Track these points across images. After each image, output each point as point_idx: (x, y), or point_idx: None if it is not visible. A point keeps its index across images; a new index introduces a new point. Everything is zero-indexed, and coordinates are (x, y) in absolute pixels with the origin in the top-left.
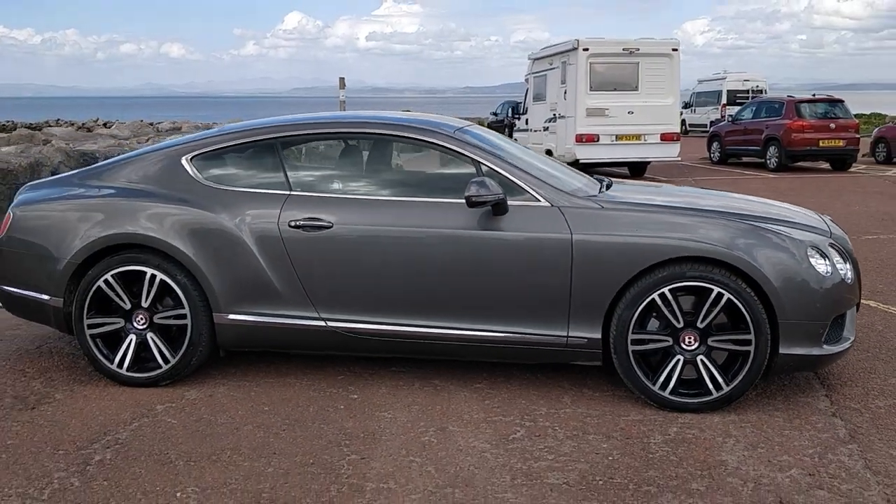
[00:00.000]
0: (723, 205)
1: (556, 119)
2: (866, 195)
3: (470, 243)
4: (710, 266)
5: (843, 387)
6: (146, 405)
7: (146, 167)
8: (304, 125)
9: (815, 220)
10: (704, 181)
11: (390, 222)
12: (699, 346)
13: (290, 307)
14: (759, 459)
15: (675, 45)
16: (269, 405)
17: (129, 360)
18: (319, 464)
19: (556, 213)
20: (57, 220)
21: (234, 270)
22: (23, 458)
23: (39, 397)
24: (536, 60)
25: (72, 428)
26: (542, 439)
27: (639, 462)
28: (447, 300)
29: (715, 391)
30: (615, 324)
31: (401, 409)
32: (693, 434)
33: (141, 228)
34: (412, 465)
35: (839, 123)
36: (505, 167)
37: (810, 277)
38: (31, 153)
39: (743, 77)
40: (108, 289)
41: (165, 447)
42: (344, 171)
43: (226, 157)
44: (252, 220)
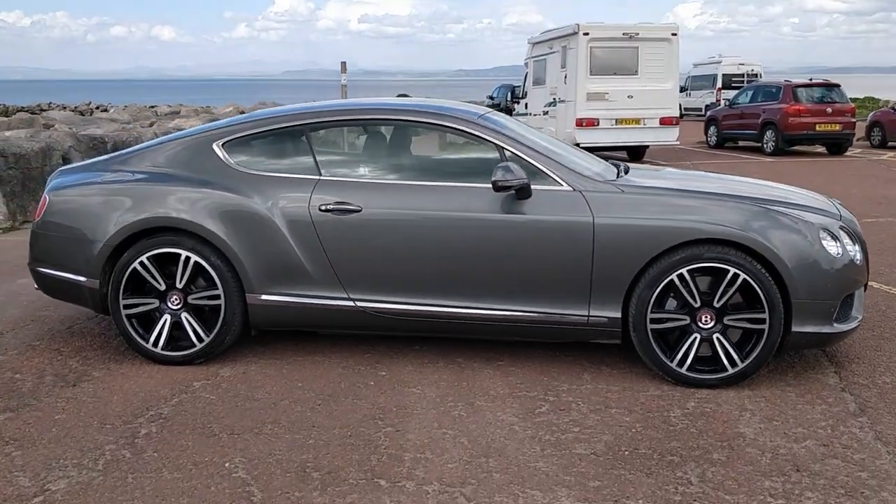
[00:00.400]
0: (737, 189)
1: (556, 103)
2: (863, 179)
3: (494, 226)
4: (726, 248)
5: (851, 363)
6: (183, 382)
7: (178, 153)
8: (332, 112)
9: (825, 204)
10: (702, 165)
11: (417, 206)
12: (715, 324)
13: (321, 288)
14: (775, 431)
15: (675, 29)
16: (302, 382)
17: (163, 339)
18: (357, 436)
19: (578, 197)
20: (93, 204)
21: (266, 253)
22: (73, 431)
23: (79, 375)
24: (536, 44)
25: (115, 404)
26: (566, 413)
27: (661, 434)
28: (472, 281)
29: (730, 367)
30: (635, 303)
31: (428, 385)
32: (710, 408)
33: (176, 212)
34: (446, 437)
35: (836, 108)
36: (528, 152)
37: (822, 259)
38: (41, 137)
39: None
40: (144, 270)
41: (208, 421)
42: (371, 157)
43: (256, 143)
44: (283, 204)
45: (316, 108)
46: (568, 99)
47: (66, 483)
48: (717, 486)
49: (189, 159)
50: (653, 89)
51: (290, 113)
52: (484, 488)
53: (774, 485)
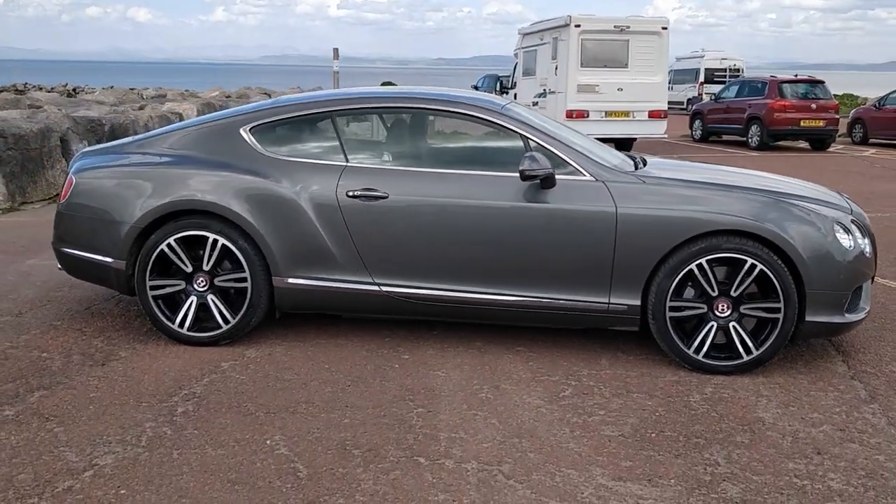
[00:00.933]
0: (754, 182)
1: (546, 94)
2: (847, 174)
3: (519, 215)
4: (744, 239)
5: (857, 353)
6: (211, 363)
7: (204, 137)
8: (358, 99)
9: (836, 198)
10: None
11: (442, 194)
12: (731, 312)
13: (346, 272)
14: (793, 416)
15: (665, 23)
16: (329, 363)
17: (189, 320)
18: (391, 416)
19: (600, 188)
20: (120, 186)
21: (293, 237)
22: (110, 409)
23: (106, 355)
24: (526, 35)
25: (147, 383)
26: (589, 397)
27: (684, 418)
28: (496, 268)
29: (745, 355)
30: (654, 292)
31: (452, 368)
32: (728, 394)
33: (205, 195)
34: (476, 418)
35: (820, 104)
36: (551, 142)
37: (835, 251)
38: (39, 118)
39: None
40: (171, 252)
41: (242, 400)
42: (397, 145)
43: (284, 128)
44: (311, 190)
45: (342, 95)
46: (558, 90)
47: (112, 458)
48: (744, 468)
49: (216, 143)
50: (642, 82)
51: (317, 100)
52: (521, 467)
53: (798, 466)
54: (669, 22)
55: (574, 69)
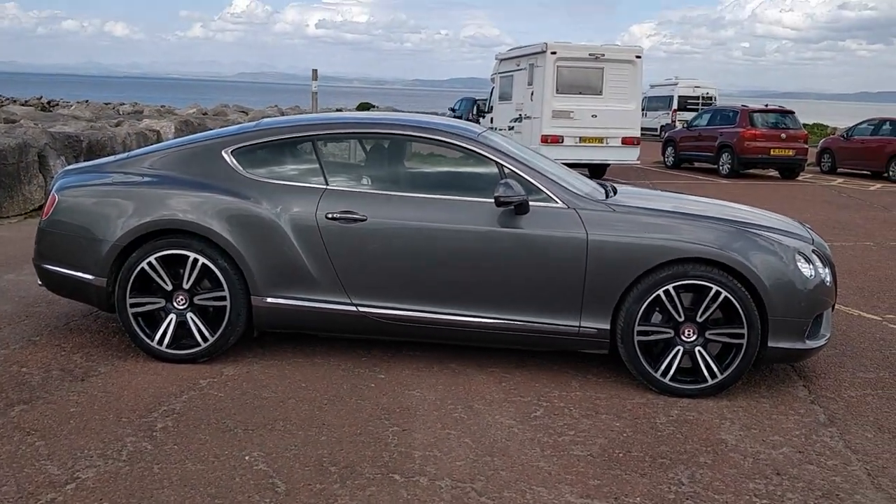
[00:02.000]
0: (720, 212)
1: (522, 119)
2: (816, 203)
3: (493, 239)
4: (710, 266)
5: (818, 378)
6: (189, 380)
7: (187, 158)
8: (339, 124)
9: (799, 228)
10: (661, 185)
11: (419, 217)
12: (697, 338)
13: (324, 293)
14: (754, 439)
15: (639, 52)
16: (306, 382)
17: (168, 337)
18: (367, 434)
19: (572, 215)
20: (103, 205)
21: (273, 257)
22: (90, 423)
23: (85, 370)
24: (503, 61)
25: (126, 398)
26: (560, 417)
27: (650, 438)
28: (471, 291)
29: (710, 379)
30: (623, 316)
31: (427, 388)
32: (693, 416)
33: (186, 215)
34: (450, 437)
35: (790, 134)
36: (525, 170)
37: (797, 279)
38: (17, 134)
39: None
40: (152, 270)
41: (220, 417)
42: (377, 169)
43: (265, 151)
44: (291, 211)
45: (323, 120)
46: (534, 115)
47: (94, 472)
48: (706, 487)
49: (198, 164)
50: (616, 109)
51: (298, 124)
52: (493, 484)
53: (758, 486)
54: (643, 50)
55: (549, 95)
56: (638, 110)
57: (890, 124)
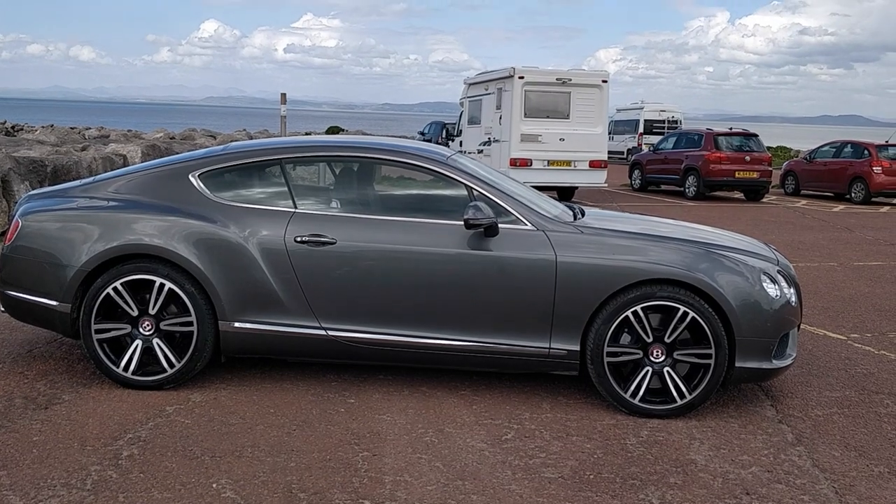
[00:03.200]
0: (686, 233)
1: (491, 143)
2: (780, 225)
3: (463, 262)
4: (677, 287)
5: (785, 398)
6: (156, 406)
7: (153, 182)
8: (307, 148)
9: (764, 249)
10: (628, 207)
11: (388, 240)
12: (666, 358)
13: (293, 317)
14: (724, 458)
15: (605, 76)
16: (274, 408)
17: (134, 364)
18: (336, 459)
19: (541, 237)
20: (67, 230)
21: (241, 281)
22: (54, 452)
23: (49, 398)
24: (472, 85)
25: (91, 426)
26: (531, 440)
27: (620, 460)
28: (441, 313)
29: (679, 399)
30: (592, 337)
31: (397, 412)
32: (663, 436)
33: (152, 239)
34: (421, 461)
35: (754, 156)
36: (494, 192)
37: (762, 300)
38: None
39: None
40: (117, 296)
41: (187, 444)
42: (345, 192)
43: (233, 174)
44: (259, 235)
45: (291, 143)
46: (502, 139)
47: (57, 502)
48: None
49: (164, 189)
50: (583, 133)
51: (266, 147)
52: None
53: None
54: (609, 74)
55: (518, 119)
56: (605, 134)
57: (851, 147)
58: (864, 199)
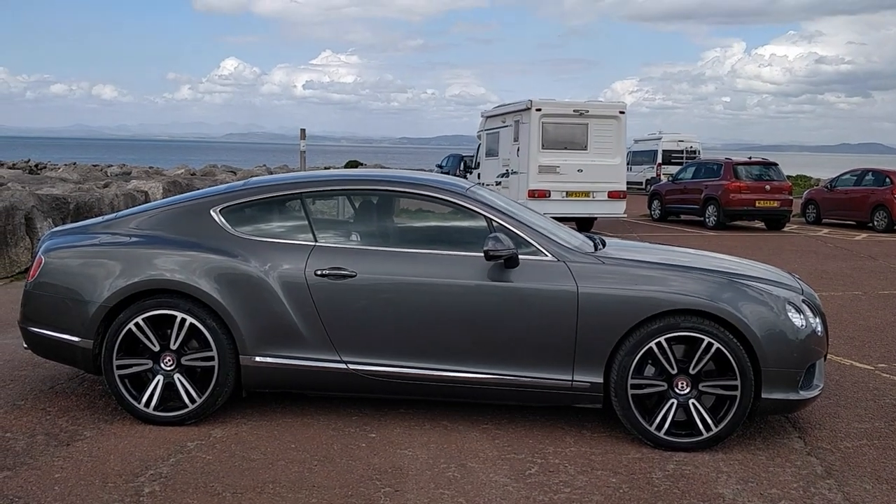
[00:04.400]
0: (708, 263)
1: (509, 174)
2: (802, 254)
3: (484, 293)
4: (701, 318)
5: (813, 429)
6: (177, 442)
7: (175, 217)
8: (327, 181)
9: (788, 279)
10: (648, 237)
11: (409, 273)
12: (691, 390)
13: (314, 351)
14: (752, 492)
15: (622, 107)
16: (295, 443)
17: (156, 399)
18: (358, 495)
19: (562, 268)
20: (89, 266)
21: (262, 315)
22: (76, 489)
23: (70, 435)
24: (489, 118)
25: (112, 463)
26: (555, 475)
27: (647, 494)
28: (462, 346)
29: (705, 432)
30: (616, 369)
31: (419, 447)
32: (689, 470)
33: (173, 274)
34: (444, 497)
35: (774, 185)
36: (514, 223)
37: (788, 330)
38: (4, 196)
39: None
40: (139, 331)
41: (209, 480)
42: (365, 225)
43: (254, 209)
44: (280, 269)
45: (311, 177)
46: (521, 171)
47: None
48: None
49: (186, 224)
50: (601, 164)
51: (285, 182)
52: None
53: None
54: (627, 105)
55: (535, 151)
56: (623, 164)
57: (872, 175)
58: (886, 227)
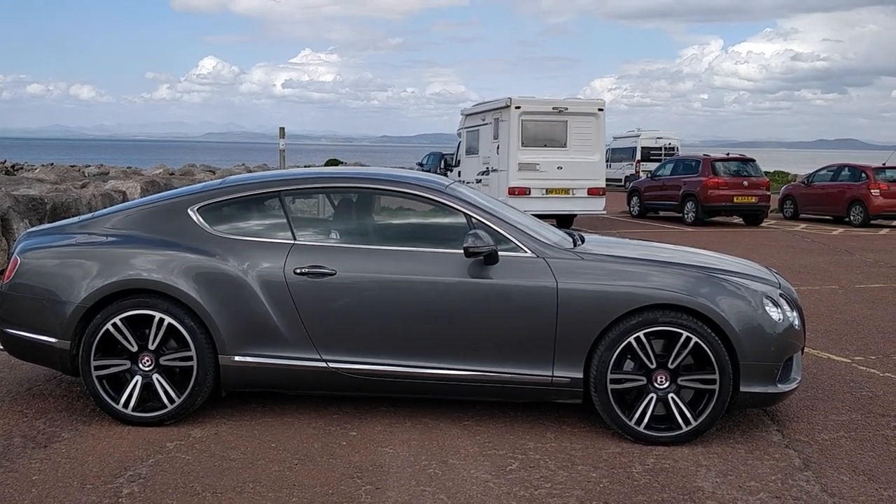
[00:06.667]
0: (687, 258)
1: (489, 172)
2: (780, 249)
3: (464, 290)
4: (679, 313)
5: (791, 422)
6: (156, 443)
7: (152, 217)
8: (305, 179)
9: (765, 273)
10: (627, 234)
11: (388, 270)
12: (670, 384)
13: (294, 349)
14: (731, 485)
15: (601, 105)
16: (276, 442)
17: (134, 400)
18: (339, 494)
19: (542, 264)
20: (65, 266)
21: (241, 314)
22: (54, 491)
23: (48, 436)
24: (469, 116)
25: (90, 464)
26: (536, 470)
27: (627, 489)
28: (442, 343)
29: (684, 426)
30: (595, 365)
31: (399, 444)
32: (669, 464)
33: (151, 274)
34: (425, 494)
35: (751, 181)
36: (494, 220)
37: (766, 323)
38: None
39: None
40: (116, 332)
41: (188, 481)
42: (344, 223)
43: (232, 207)
44: (259, 268)
45: (289, 175)
46: (500, 168)
47: None
48: None
49: (163, 223)
50: (581, 161)
51: (264, 180)
52: None
53: None
54: (605, 103)
55: (515, 148)
56: (602, 161)
57: (849, 170)
58: (862, 221)
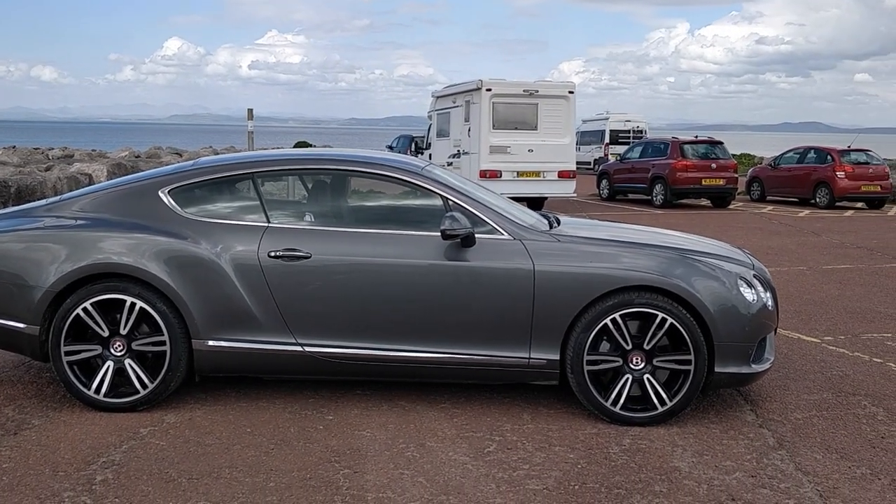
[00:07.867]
0: (662, 240)
1: (461, 155)
2: (748, 231)
3: (440, 273)
4: (654, 294)
5: (765, 402)
6: (129, 429)
7: (122, 199)
8: (279, 161)
9: (739, 254)
10: (597, 216)
11: (364, 253)
12: (645, 365)
13: (268, 333)
14: (707, 465)
15: (571, 87)
16: (251, 427)
17: (106, 386)
18: (317, 478)
19: (518, 246)
20: (33, 250)
21: (214, 298)
22: (25, 479)
23: (18, 423)
24: (439, 98)
25: (62, 451)
26: (514, 451)
27: (604, 469)
28: (419, 326)
29: (660, 406)
30: (572, 346)
31: (377, 428)
32: (645, 444)
33: (122, 258)
34: (403, 477)
35: (719, 164)
36: (470, 202)
37: (740, 304)
38: None
39: (625, 118)
40: (87, 316)
41: (163, 467)
42: (320, 205)
43: (204, 189)
44: (232, 251)
45: (263, 157)
46: (472, 151)
47: None
48: None
49: (134, 205)
50: (551, 144)
51: (237, 161)
52: None
53: None
54: (575, 86)
55: (486, 131)
56: (573, 144)
57: (815, 152)
58: (828, 203)
